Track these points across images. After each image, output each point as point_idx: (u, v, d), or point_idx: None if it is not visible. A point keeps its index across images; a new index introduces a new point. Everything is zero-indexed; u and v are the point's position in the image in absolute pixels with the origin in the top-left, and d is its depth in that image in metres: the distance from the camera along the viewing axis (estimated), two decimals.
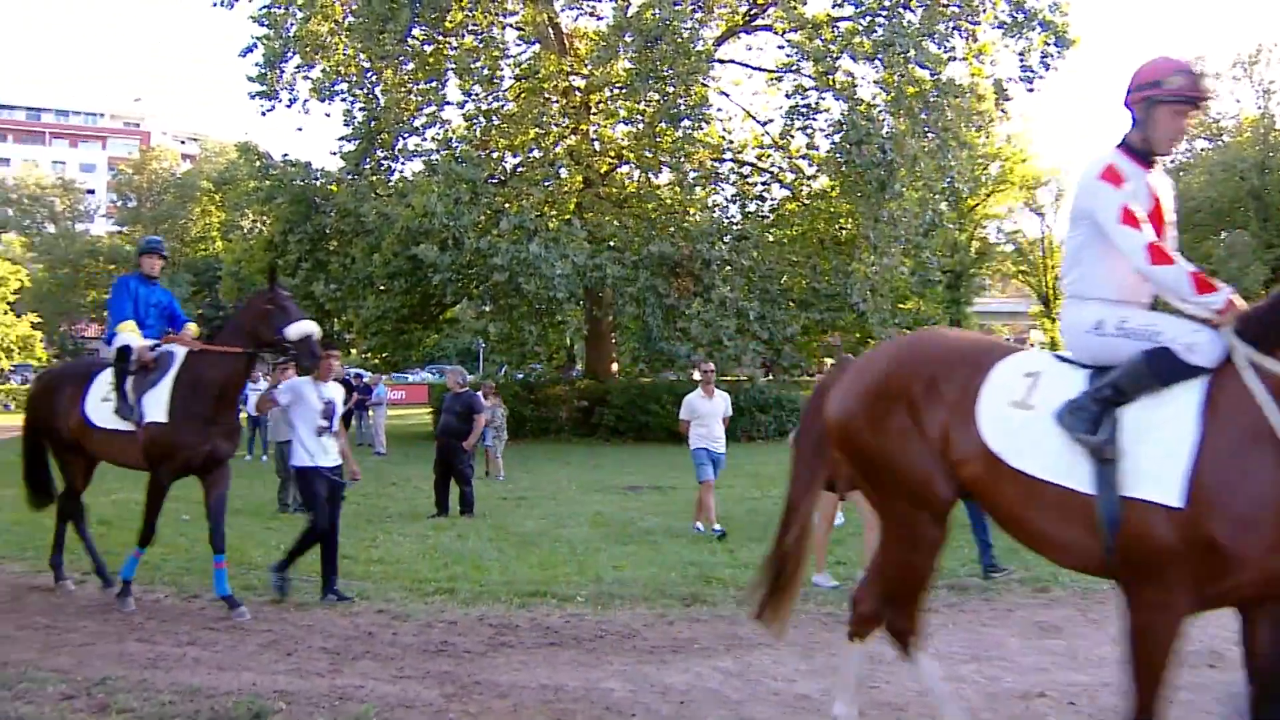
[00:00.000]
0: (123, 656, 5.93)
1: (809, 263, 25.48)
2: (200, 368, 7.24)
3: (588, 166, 25.43)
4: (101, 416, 7.39)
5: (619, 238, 24.35)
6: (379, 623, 6.89)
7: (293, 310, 7.24)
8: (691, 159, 24.07)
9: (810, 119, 24.33)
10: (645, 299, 23.12)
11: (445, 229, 22.11)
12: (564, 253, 21.93)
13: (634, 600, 7.53)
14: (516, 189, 24.26)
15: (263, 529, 11.17)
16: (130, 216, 69.08)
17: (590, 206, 25.27)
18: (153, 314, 7.77)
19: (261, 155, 27.58)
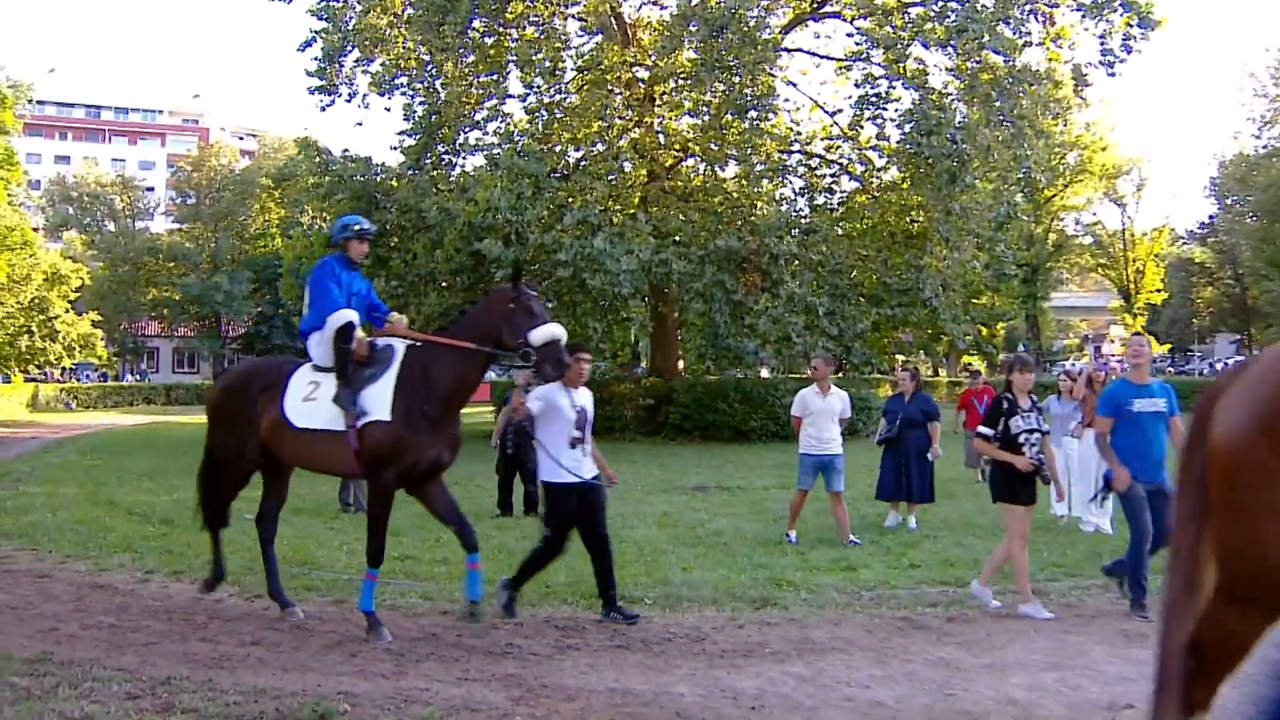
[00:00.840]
0: (187, 656, 6.02)
1: (879, 257, 25.16)
2: (428, 365, 6.69)
3: (652, 160, 25.37)
4: (304, 417, 6.80)
5: (684, 232, 24.25)
6: (443, 624, 6.91)
7: (539, 312, 6.63)
8: (758, 151, 23.88)
9: (880, 109, 24.01)
10: (712, 295, 22.99)
11: (508, 224, 22.19)
12: (629, 248, 21.89)
13: (702, 603, 7.47)
14: (580, 183, 24.28)
15: (325, 528, 11.30)
16: (189, 214, 70.36)
17: (655, 200, 25.20)
18: (354, 303, 7.20)
19: (321, 151, 27.90)
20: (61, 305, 46.88)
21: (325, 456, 6.85)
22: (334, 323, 6.83)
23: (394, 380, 6.64)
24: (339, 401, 6.65)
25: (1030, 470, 7.38)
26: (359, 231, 7.34)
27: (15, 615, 7.00)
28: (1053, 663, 6.02)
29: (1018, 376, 7.64)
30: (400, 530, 10.75)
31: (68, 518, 11.70)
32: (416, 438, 6.56)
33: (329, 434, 6.67)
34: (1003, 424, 7.50)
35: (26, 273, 41.59)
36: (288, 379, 6.96)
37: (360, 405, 6.58)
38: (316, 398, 6.77)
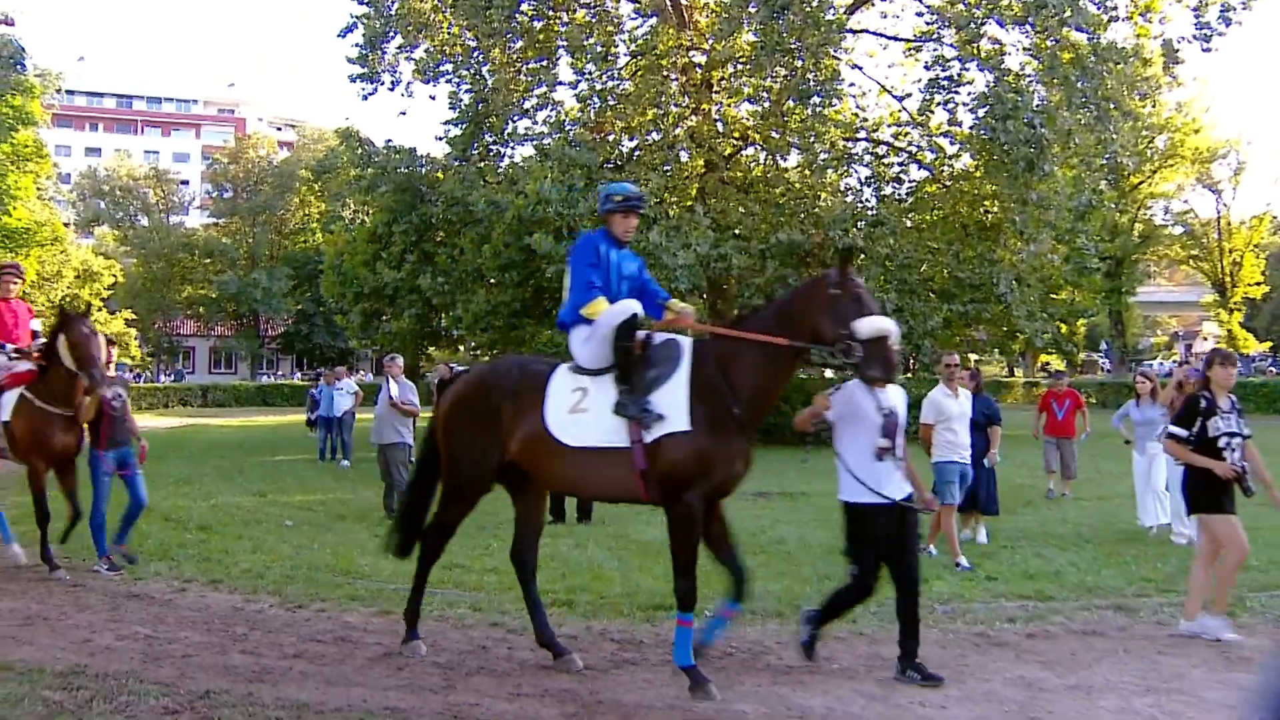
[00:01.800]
0: (227, 669, 6.10)
1: (951, 250, 24.90)
2: (726, 362, 5.92)
3: (710, 149, 25.32)
4: (574, 432, 5.95)
5: (744, 225, 24.17)
6: (493, 637, 6.95)
7: (869, 302, 5.82)
8: (822, 139, 23.74)
9: (952, 92, 23.76)
10: (773, 291, 22.88)
11: (559, 217, 22.26)
12: (686, 241, 21.89)
13: (765, 615, 7.45)
14: (634, 174, 24.27)
15: (369, 536, 11.37)
16: (226, 208, 71.14)
17: (713, 192, 25.15)
18: (624, 288, 6.40)
19: (363, 141, 28.16)
20: (95, 303, 47.60)
21: (601, 480, 6.04)
22: (614, 316, 5.99)
23: (687, 381, 5.84)
24: (622, 411, 5.82)
25: (1233, 478, 6.92)
26: (625, 202, 6.41)
27: (48, 626, 7.14)
28: (1146, 686, 5.91)
29: (1219, 371, 7.17)
30: None
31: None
32: (724, 449, 5.81)
33: (606, 452, 5.86)
34: (1199, 425, 7.03)
35: (57, 270, 42.16)
36: (545, 385, 6.16)
37: (652, 414, 5.77)
38: (587, 408, 5.95)
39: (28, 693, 5.50)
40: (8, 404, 9.08)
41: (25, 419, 8.98)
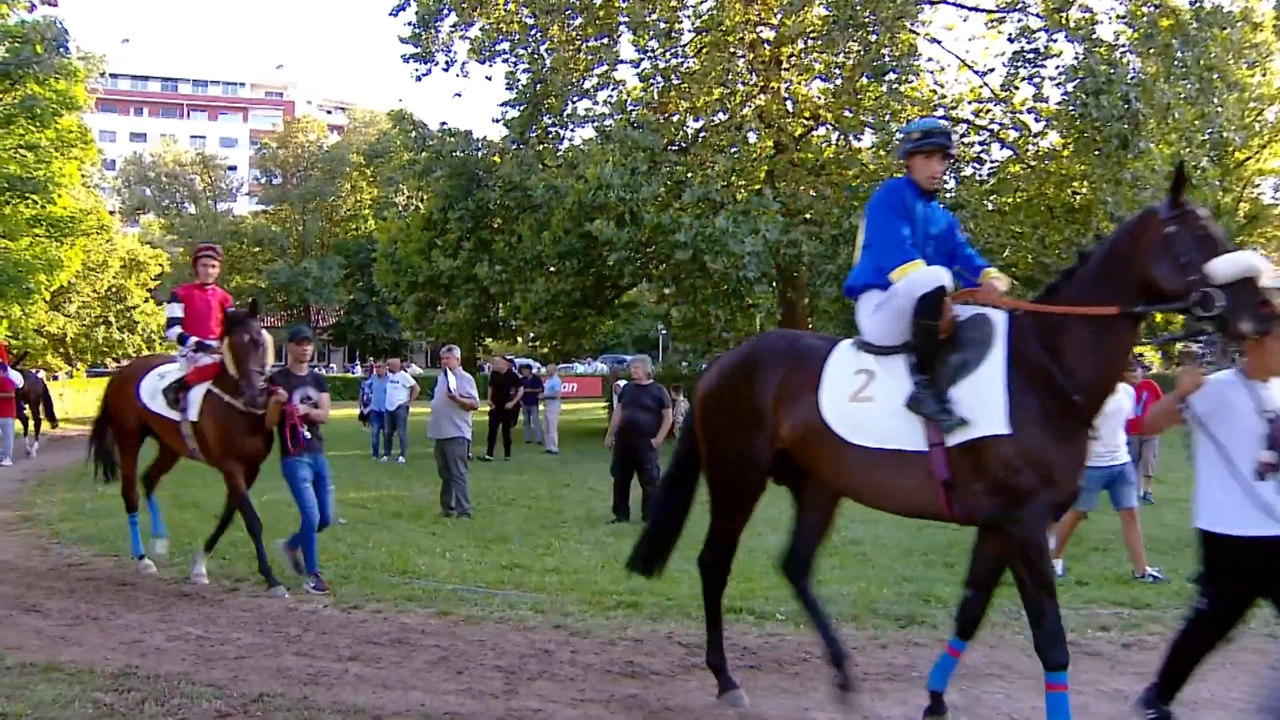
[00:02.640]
0: (280, 672, 6.19)
1: (1035, 234, 24.50)
2: (1055, 341, 4.86)
3: (779, 129, 25.21)
4: (855, 426, 5.07)
5: (816, 209, 24.03)
6: (556, 639, 6.99)
7: (1217, 235, 4.61)
8: (898, 117, 23.50)
9: (1038, 65, 23.39)
10: (847, 278, 22.74)
11: (621, 202, 22.28)
12: (754, 227, 21.79)
13: (841, 619, 7.39)
14: (700, 156, 24.25)
15: (426, 534, 11.51)
16: (275, 194, 72.01)
17: (783, 174, 25.03)
18: (931, 250, 5.48)
19: (416, 124, 28.36)
20: (140, 294, 48.21)
21: (890, 489, 5.10)
22: (917, 285, 5.05)
23: (1003, 369, 4.84)
24: (917, 407, 4.89)
25: None
26: (927, 139, 5.52)
27: (98, 626, 7.29)
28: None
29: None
30: (507, 537, 10.97)
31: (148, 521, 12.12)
32: (1066, 451, 4.79)
33: (895, 456, 4.97)
34: None
35: (103, 259, 42.81)
36: (823, 364, 5.28)
37: (953, 416, 4.81)
38: (872, 396, 5.06)
39: (78, 694, 5.62)
40: (195, 401, 8.76)
41: (214, 417, 8.65)
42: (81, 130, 30.41)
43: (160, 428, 9.12)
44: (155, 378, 9.10)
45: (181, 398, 8.82)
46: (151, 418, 9.10)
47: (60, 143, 29.14)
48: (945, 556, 9.85)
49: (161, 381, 9.03)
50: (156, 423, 9.09)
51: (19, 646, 6.59)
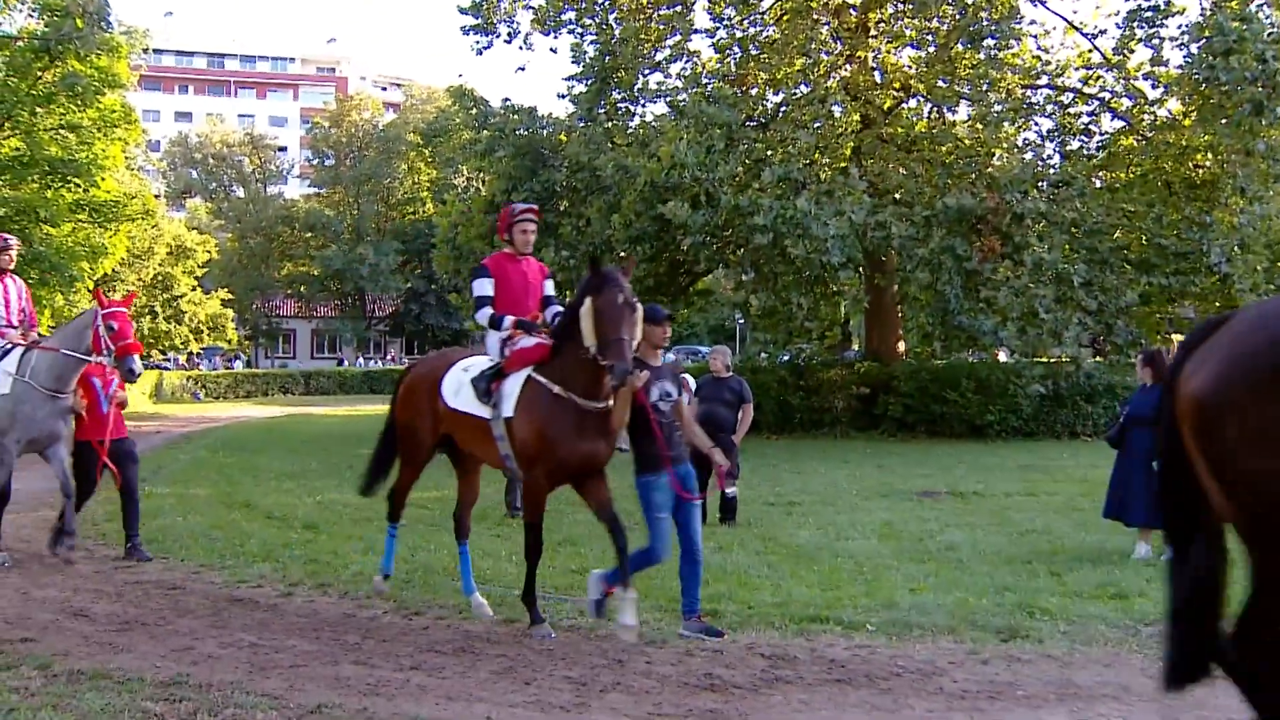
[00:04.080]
0: (338, 681, 6.25)
1: (1151, 213, 24.07)
2: None
3: (867, 102, 25.02)
4: None
5: (906, 189, 23.84)
6: (629, 648, 6.99)
7: None
8: (997, 87, 23.23)
9: (1157, 25, 22.98)
10: (940, 263, 22.53)
11: (696, 183, 22.27)
12: (839, 208, 21.67)
13: (936, 631, 7.35)
14: (781, 133, 24.15)
15: (490, 536, 11.59)
16: (328, 176, 72.42)
17: (870, 151, 24.85)
18: None
19: (478, 101, 28.54)
20: (187, 282, 48.68)
21: None
22: None
23: None
24: None
25: None
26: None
27: (147, 632, 7.41)
28: None
29: None
30: (576, 539, 11.02)
31: (200, 523, 12.35)
32: None
33: None
34: None
35: (148, 245, 43.25)
36: None
37: None
38: None
39: (127, 704, 5.71)
40: (510, 392, 7.44)
41: (535, 411, 7.29)
42: (125, 109, 30.78)
43: (464, 432, 7.94)
44: (459, 372, 7.99)
45: (495, 389, 7.53)
46: (455, 421, 7.92)
47: (103, 123, 29.51)
48: (1050, 564, 9.72)
49: (467, 374, 7.88)
50: (460, 426, 7.91)
51: (65, 653, 6.72)
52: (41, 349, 9.89)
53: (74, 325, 10.17)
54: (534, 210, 8.61)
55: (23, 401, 9.68)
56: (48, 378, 9.74)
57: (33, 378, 9.71)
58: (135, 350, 9.75)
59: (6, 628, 7.41)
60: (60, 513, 10.20)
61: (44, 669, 6.32)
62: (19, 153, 27.15)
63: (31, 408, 9.70)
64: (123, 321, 9.72)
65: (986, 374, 25.17)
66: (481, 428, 7.62)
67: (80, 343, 9.76)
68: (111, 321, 9.63)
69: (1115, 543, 10.62)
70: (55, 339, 10.09)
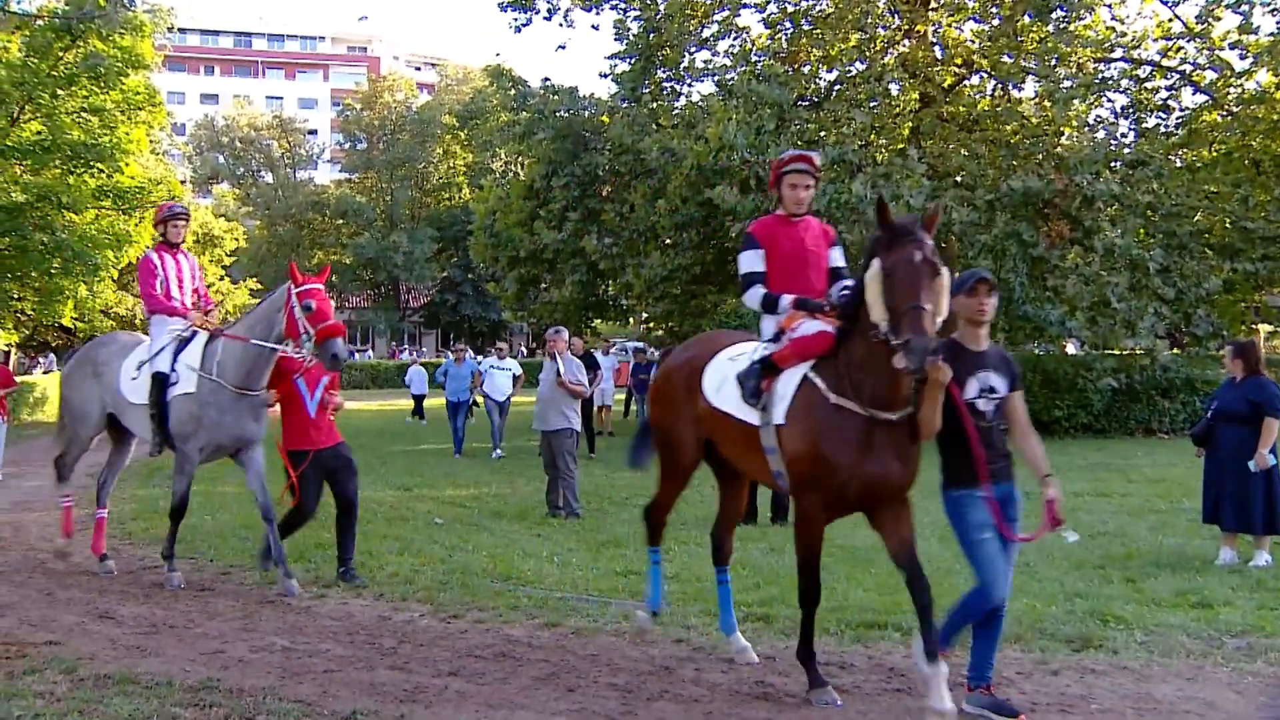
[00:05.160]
0: (374, 687, 6.29)
1: (1237, 194, 23.72)
2: None
3: (926, 80, 24.85)
4: None
5: (968, 171, 23.64)
6: (677, 655, 7.00)
7: None
8: (1066, 61, 22.99)
9: None
10: (1004, 249, 22.33)
11: (746, 166, 22.22)
12: (896, 192, 21.52)
13: (1003, 639, 7.27)
14: (835, 112, 24.04)
15: (531, 537, 11.62)
16: (360, 161, 72.69)
17: (930, 132, 24.69)
18: None
19: (516, 81, 28.61)
20: (214, 272, 48.70)
21: None
22: None
23: None
24: None
25: None
26: None
27: (175, 635, 7.49)
28: None
29: None
30: (622, 540, 11.04)
31: (228, 521, 12.55)
32: None
33: None
34: None
35: None
36: None
37: None
38: None
39: (156, 709, 5.79)
40: (784, 393, 6.07)
41: (811, 420, 5.95)
42: (149, 91, 30.99)
43: (727, 438, 6.59)
44: (724, 362, 6.64)
45: (766, 388, 6.16)
46: (717, 423, 6.58)
47: (126, 105, 29.72)
48: (1124, 569, 9.61)
49: (733, 366, 6.50)
50: (723, 430, 6.57)
51: (92, 656, 6.80)
52: (227, 338, 9.02)
53: (263, 309, 9.09)
54: (807, 159, 6.83)
55: (209, 403, 8.86)
56: (236, 372, 8.88)
57: (220, 373, 8.87)
58: (338, 332, 8.58)
59: (31, 630, 7.52)
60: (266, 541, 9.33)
61: (70, 673, 6.40)
62: (40, 137, 27.33)
63: (219, 410, 8.87)
64: (321, 300, 8.62)
65: (1054, 367, 24.96)
66: (747, 435, 6.29)
67: (271, 329, 8.83)
68: (308, 300, 8.55)
69: (1196, 547, 10.50)
70: (242, 325, 9.15)
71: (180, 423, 8.90)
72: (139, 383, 9.21)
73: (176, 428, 8.92)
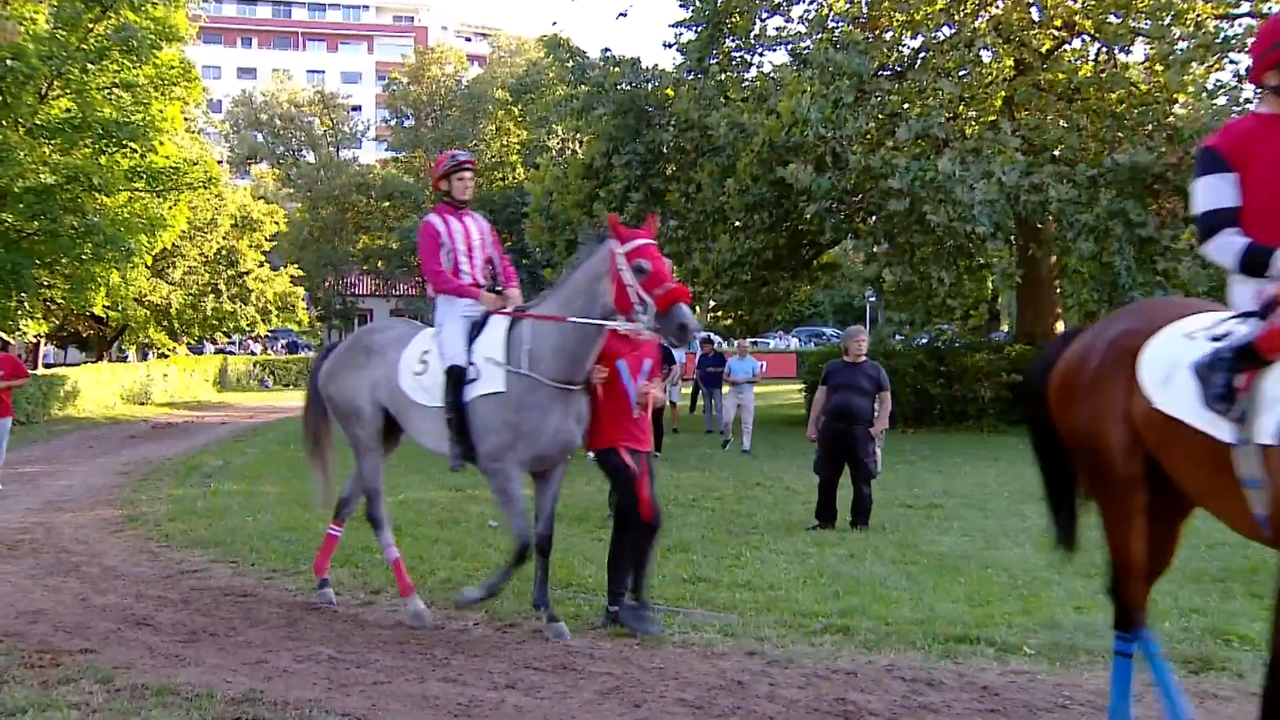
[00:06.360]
0: (426, 700, 6.31)
1: None
2: None
3: (1021, 44, 24.63)
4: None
5: (1067, 144, 23.39)
6: (750, 669, 6.97)
7: None
8: (1183, 20, 22.69)
9: None
10: (1108, 229, 22.10)
11: (821, 142, 22.14)
12: (987, 169, 21.39)
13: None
14: (919, 82, 23.90)
15: (591, 540, 11.64)
16: (407, 139, 72.54)
17: (1025, 102, 24.49)
18: None
19: (574, 52, 28.65)
20: (254, 258, 48.94)
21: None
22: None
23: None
24: None
25: None
26: None
27: (215, 643, 7.55)
28: None
29: None
30: (688, 545, 11.01)
31: (271, 523, 12.59)
32: None
33: None
34: None
35: (211, 217, 43.68)
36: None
37: None
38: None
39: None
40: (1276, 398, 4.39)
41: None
42: (183, 65, 31.18)
43: (1178, 456, 4.93)
44: (1176, 341, 4.91)
45: (1243, 389, 4.51)
46: (1162, 432, 4.91)
47: (159, 80, 29.89)
48: (1248, 583, 9.43)
49: (1191, 348, 4.79)
50: (1170, 443, 4.92)
51: (129, 665, 6.88)
52: (538, 318, 7.69)
53: (578, 277, 7.69)
54: None
55: (526, 404, 7.55)
56: (555, 362, 7.55)
57: (533, 366, 7.54)
58: (683, 296, 7.24)
59: (66, 637, 7.62)
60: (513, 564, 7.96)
61: (106, 683, 6.47)
62: (70, 115, 27.62)
63: (540, 411, 7.55)
64: (656, 259, 7.32)
65: None
66: (1213, 456, 4.64)
67: (594, 301, 7.49)
68: (640, 260, 7.26)
69: None
70: (554, 301, 7.75)
71: (490, 432, 7.61)
72: (426, 379, 7.95)
73: (487, 439, 7.63)
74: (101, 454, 20.85)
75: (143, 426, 26.50)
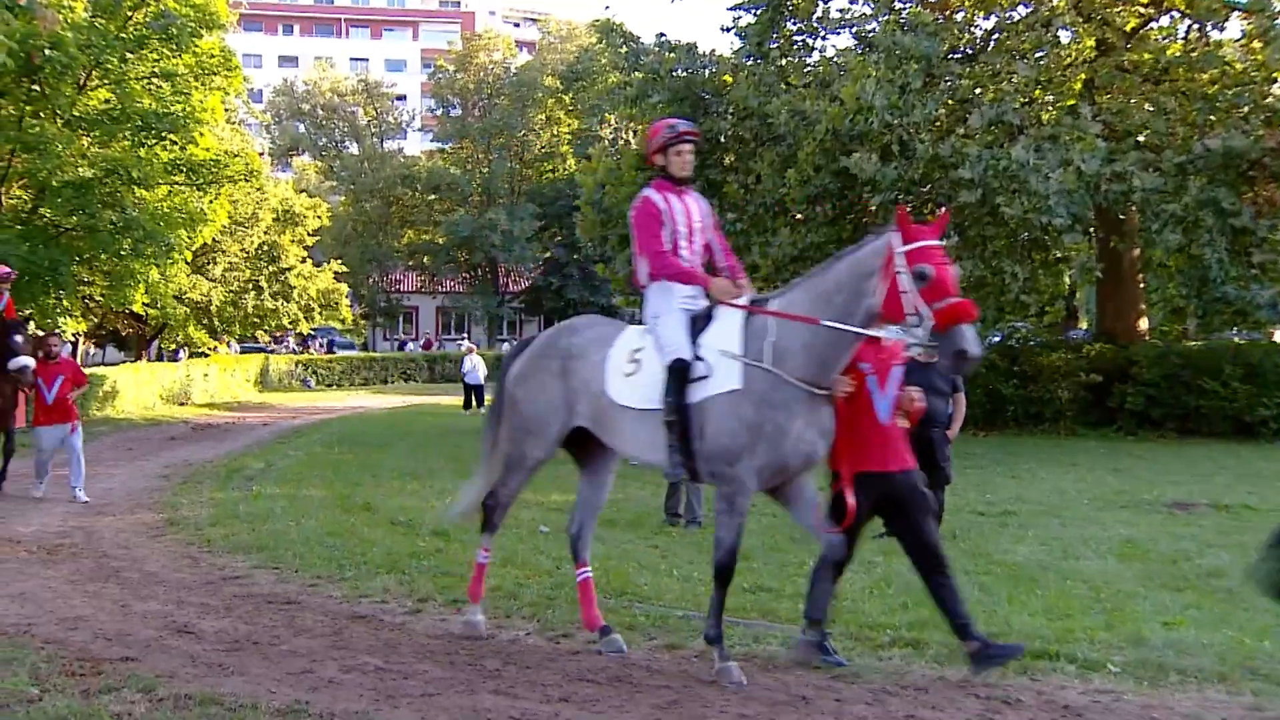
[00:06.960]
0: (477, 713, 6.34)
1: None
2: None
3: (1104, 23, 24.36)
4: None
5: (1153, 129, 23.13)
6: (815, 683, 6.95)
7: None
8: None
9: None
10: (1198, 220, 21.82)
11: (888, 129, 22.00)
12: (1065, 157, 21.16)
13: (1202, 678, 7.08)
14: (992, 66, 23.73)
15: (646, 546, 11.67)
16: (453, 129, 72.59)
17: (1107, 85, 24.24)
18: None
19: (627, 37, 28.63)
20: (296, 253, 49.22)
21: None
22: None
23: None
24: None
25: None
26: None
27: (259, 652, 7.63)
28: None
29: None
30: (750, 553, 10.96)
31: (315, 528, 12.66)
32: None
33: None
34: None
35: (252, 211, 44.03)
36: None
37: None
38: None
39: None
40: None
41: None
42: (224, 53, 31.33)
43: None
44: None
45: None
46: None
47: (200, 69, 30.07)
48: None
49: None
50: None
51: (171, 675, 6.94)
52: (784, 316, 7.06)
53: (842, 270, 7.02)
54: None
55: (770, 404, 6.90)
56: (804, 360, 6.94)
57: (777, 361, 6.92)
58: (969, 315, 6.48)
59: (106, 645, 7.70)
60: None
61: (148, 692, 6.54)
62: (109, 106, 27.89)
63: (787, 414, 6.91)
64: (941, 266, 6.61)
65: (1259, 358, 24.39)
66: None
67: (858, 301, 6.84)
68: (923, 265, 6.56)
69: None
70: (805, 294, 7.15)
71: (726, 433, 6.95)
72: (640, 379, 7.30)
73: (719, 441, 6.98)
74: (141, 456, 21.07)
75: (183, 428, 26.77)
